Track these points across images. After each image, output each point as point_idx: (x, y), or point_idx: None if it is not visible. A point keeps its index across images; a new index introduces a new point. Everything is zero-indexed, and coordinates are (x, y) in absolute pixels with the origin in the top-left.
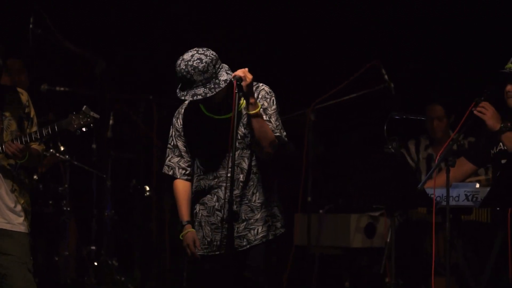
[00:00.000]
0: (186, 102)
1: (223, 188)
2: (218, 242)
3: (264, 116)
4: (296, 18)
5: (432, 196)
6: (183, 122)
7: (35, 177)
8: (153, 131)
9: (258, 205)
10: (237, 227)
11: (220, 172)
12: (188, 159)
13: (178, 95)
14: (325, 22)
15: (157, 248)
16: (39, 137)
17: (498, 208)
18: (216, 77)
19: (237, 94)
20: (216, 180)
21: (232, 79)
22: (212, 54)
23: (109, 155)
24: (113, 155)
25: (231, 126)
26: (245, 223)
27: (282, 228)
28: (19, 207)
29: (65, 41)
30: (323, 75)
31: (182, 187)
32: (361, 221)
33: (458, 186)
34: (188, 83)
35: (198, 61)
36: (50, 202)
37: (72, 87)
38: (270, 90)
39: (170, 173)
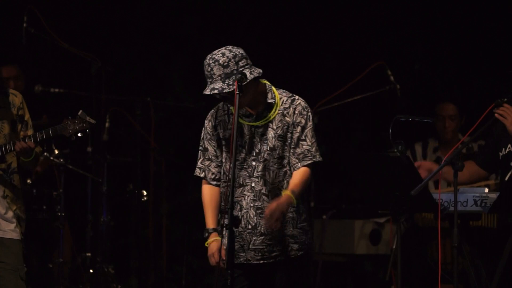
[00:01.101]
0: (220, 104)
1: (246, 197)
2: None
3: (301, 135)
4: (299, 18)
5: (438, 201)
6: (214, 125)
7: (28, 181)
8: (150, 134)
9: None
10: (254, 240)
11: (246, 181)
12: (218, 163)
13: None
14: (328, 22)
15: (155, 255)
16: (33, 141)
17: (508, 215)
18: (237, 74)
19: (238, 95)
20: (241, 188)
21: (235, 79)
22: (238, 51)
23: (105, 158)
24: (109, 159)
25: (232, 130)
26: (263, 237)
27: (298, 251)
28: (10, 214)
29: (60, 41)
30: (326, 76)
31: (210, 193)
32: (366, 227)
33: (466, 191)
34: (209, 77)
35: (221, 55)
36: (44, 207)
37: (67, 88)
38: (307, 105)
39: (202, 175)
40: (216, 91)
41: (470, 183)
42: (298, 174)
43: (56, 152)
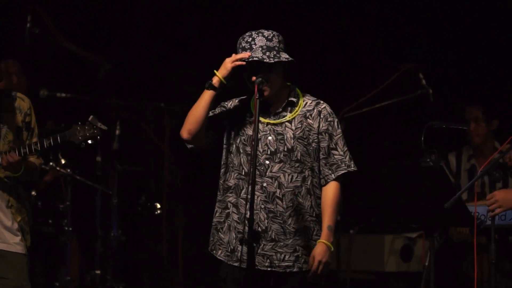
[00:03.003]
0: (236, 101)
1: (256, 197)
2: (239, 254)
3: (330, 143)
4: (322, 19)
5: (474, 214)
6: (235, 106)
7: (33, 193)
8: (164, 142)
9: (292, 230)
10: (264, 244)
11: (257, 180)
12: (214, 133)
13: None
14: (354, 23)
15: (169, 273)
16: (39, 148)
17: None
18: (278, 52)
19: (258, 100)
20: (251, 186)
21: (255, 83)
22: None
23: (116, 168)
24: (119, 169)
25: (253, 134)
26: (273, 243)
27: None
28: (15, 225)
29: (66, 42)
30: (353, 81)
31: None
32: (397, 242)
33: None
34: (248, 47)
35: (265, 30)
36: (50, 221)
37: (74, 93)
38: (332, 111)
39: None
40: (255, 59)
41: None
42: (329, 199)
43: (63, 162)
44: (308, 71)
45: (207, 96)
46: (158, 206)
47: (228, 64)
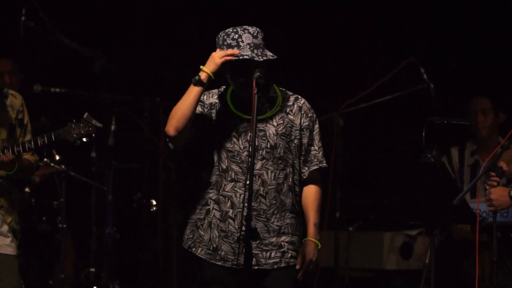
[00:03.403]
0: (213, 96)
1: (238, 195)
2: (223, 253)
3: (310, 140)
4: (322, 12)
5: (476, 211)
6: (211, 103)
7: (26, 190)
8: (159, 138)
9: (276, 228)
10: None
11: (239, 177)
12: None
13: None
14: (354, 15)
15: (164, 270)
16: (33, 146)
17: None
18: (263, 49)
19: (256, 94)
20: (233, 183)
21: (253, 77)
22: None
23: (111, 165)
24: (115, 165)
25: (251, 130)
26: (258, 242)
27: (296, 259)
28: (5, 227)
29: (61, 36)
30: (353, 75)
31: None
32: (396, 240)
33: None
34: (235, 45)
35: (249, 26)
36: (44, 218)
37: (68, 88)
38: (310, 106)
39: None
40: (246, 57)
41: None
42: (311, 197)
43: (57, 158)
44: (308, 71)
45: (195, 92)
46: (154, 202)
47: (217, 59)
